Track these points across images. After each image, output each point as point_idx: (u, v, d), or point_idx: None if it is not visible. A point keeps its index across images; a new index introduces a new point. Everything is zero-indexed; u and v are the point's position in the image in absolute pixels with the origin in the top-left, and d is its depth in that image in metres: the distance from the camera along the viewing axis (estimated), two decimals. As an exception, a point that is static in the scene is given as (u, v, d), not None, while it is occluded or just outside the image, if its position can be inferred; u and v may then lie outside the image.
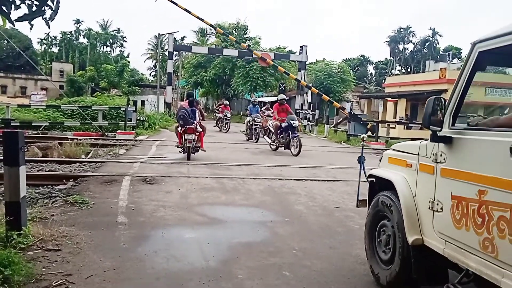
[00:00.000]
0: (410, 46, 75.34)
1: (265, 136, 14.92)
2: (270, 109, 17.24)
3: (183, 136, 10.53)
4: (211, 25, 28.97)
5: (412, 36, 74.24)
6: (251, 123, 16.99)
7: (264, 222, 5.52)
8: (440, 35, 72.60)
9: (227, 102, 23.71)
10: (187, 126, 10.36)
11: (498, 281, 2.36)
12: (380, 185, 3.81)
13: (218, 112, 23.56)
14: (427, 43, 72.60)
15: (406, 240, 3.19)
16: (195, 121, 10.62)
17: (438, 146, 2.97)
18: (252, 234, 5.03)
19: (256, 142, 16.21)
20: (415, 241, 3.12)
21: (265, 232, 5.10)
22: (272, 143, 13.71)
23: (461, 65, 2.94)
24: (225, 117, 21.50)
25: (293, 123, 12.47)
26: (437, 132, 2.93)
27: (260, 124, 16.49)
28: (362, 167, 4.36)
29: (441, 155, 2.95)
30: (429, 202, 3.04)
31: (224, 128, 21.39)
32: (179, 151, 10.93)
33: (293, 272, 3.87)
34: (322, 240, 4.87)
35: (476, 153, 2.65)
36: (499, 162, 2.39)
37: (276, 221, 5.62)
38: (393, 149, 3.86)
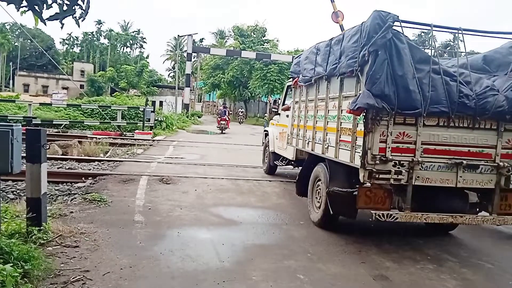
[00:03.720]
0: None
1: None
2: None
3: (219, 121, 23.81)
4: None
5: (433, 40, 73.05)
6: None
7: (279, 225, 5.53)
8: (461, 40, 71.00)
9: None
10: (221, 117, 23.92)
11: (283, 153, 8.53)
12: (267, 134, 9.64)
13: None
14: (448, 48, 71.45)
15: (270, 151, 9.24)
16: (225, 115, 24.17)
17: (278, 116, 9.05)
18: (267, 236, 5.04)
19: None
20: (272, 150, 9.08)
21: (280, 235, 5.11)
22: None
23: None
24: None
25: None
26: (276, 111, 9.17)
27: None
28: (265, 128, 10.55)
29: (278, 119, 9.06)
30: (275, 136, 9.01)
31: None
32: (218, 129, 23.89)
33: (308, 275, 3.86)
34: (336, 244, 4.85)
35: (282, 117, 8.71)
36: (286, 119, 8.19)
37: (291, 224, 5.62)
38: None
